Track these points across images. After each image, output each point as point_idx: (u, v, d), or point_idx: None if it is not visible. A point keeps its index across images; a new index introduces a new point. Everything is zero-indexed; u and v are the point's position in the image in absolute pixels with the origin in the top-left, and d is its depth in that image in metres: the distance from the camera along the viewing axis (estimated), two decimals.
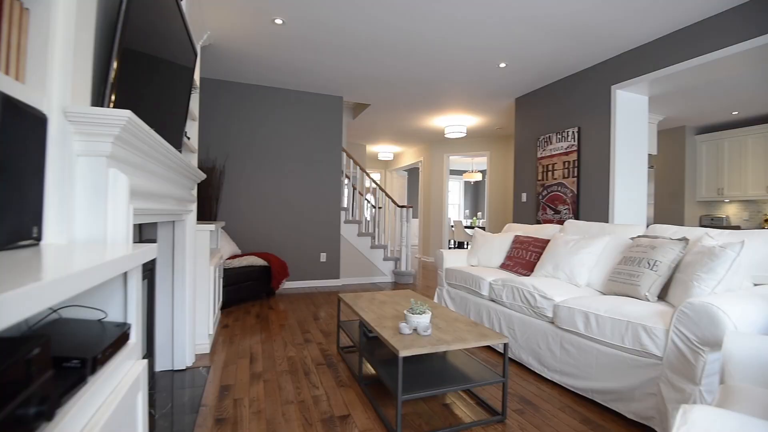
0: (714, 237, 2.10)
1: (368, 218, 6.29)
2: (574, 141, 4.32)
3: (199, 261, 2.83)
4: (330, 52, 3.98)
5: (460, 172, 12.65)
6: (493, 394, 2.24)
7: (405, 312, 2.02)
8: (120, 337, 1.07)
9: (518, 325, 2.68)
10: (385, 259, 5.89)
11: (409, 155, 9.80)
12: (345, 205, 5.67)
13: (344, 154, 5.70)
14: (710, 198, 6.46)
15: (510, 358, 2.79)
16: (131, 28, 1.39)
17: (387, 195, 6.11)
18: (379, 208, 6.17)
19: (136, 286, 1.16)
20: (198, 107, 3.48)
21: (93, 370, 0.82)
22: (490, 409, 2.07)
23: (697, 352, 1.66)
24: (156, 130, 1.70)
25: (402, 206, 5.97)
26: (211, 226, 2.88)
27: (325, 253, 5.33)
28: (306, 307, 4.15)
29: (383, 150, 9.85)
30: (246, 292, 4.19)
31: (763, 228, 5.79)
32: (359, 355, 2.30)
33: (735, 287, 1.96)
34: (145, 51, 1.60)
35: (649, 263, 2.16)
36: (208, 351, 2.86)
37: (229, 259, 4.22)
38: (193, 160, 3.37)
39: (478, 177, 9.99)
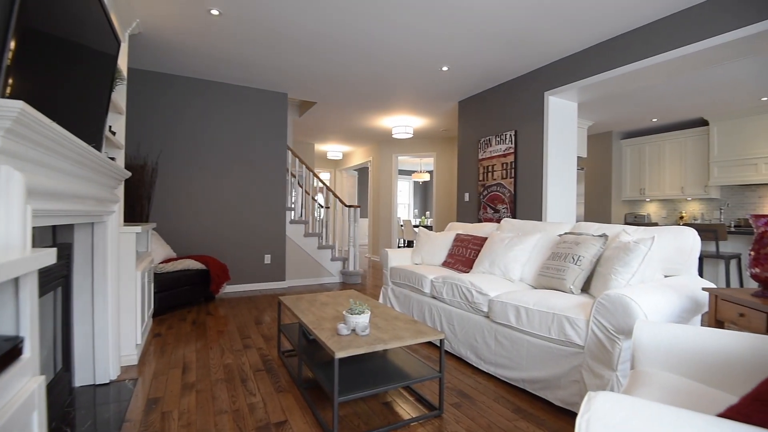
0: (630, 233, 2.28)
1: (320, 218, 6.19)
2: (512, 144, 4.52)
3: (123, 265, 2.63)
4: (271, 46, 3.86)
5: (409, 172, 12.83)
6: (433, 390, 2.28)
7: (344, 313, 2.00)
8: (9, 352, 0.96)
9: (457, 320, 2.76)
10: (333, 259, 5.83)
11: (358, 155, 9.78)
12: (291, 205, 5.54)
13: (290, 153, 5.57)
14: (633, 197, 7.05)
15: (450, 353, 2.86)
16: (34, 3, 1.25)
17: (334, 194, 6.05)
18: (327, 207, 6.10)
19: (30, 295, 1.04)
20: (125, 100, 3.24)
21: None
22: (429, 404, 2.10)
23: (613, 340, 1.79)
24: (67, 123, 1.55)
25: (350, 206, 5.94)
26: (138, 228, 2.69)
27: (269, 255, 5.17)
28: (248, 312, 4.00)
29: (332, 149, 9.75)
30: (182, 297, 3.96)
31: (678, 224, 6.40)
32: (299, 359, 2.25)
33: (648, 279, 2.13)
34: (52, 32, 1.45)
35: (573, 258, 2.31)
36: (135, 362, 2.67)
37: (162, 263, 3.96)
38: (120, 156, 3.14)
39: (427, 177, 10.19)
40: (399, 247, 10.12)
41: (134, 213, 4.16)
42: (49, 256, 1.02)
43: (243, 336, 3.23)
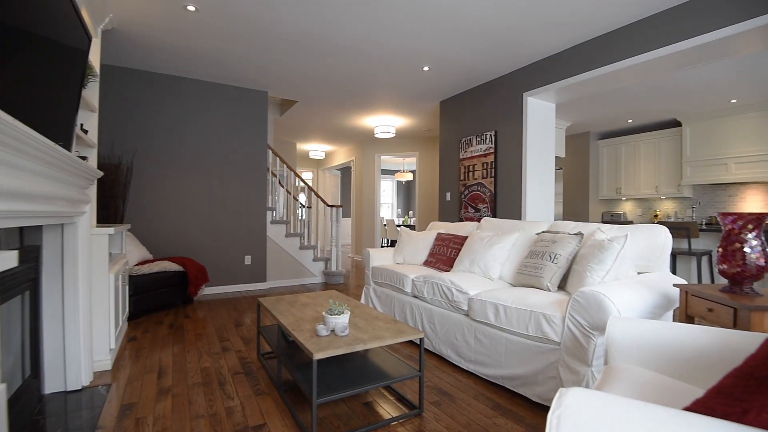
0: (605, 231, 2.33)
1: (301, 218, 6.13)
2: (492, 144, 4.57)
3: (95, 268, 2.55)
4: (250, 44, 3.81)
5: (392, 172, 12.85)
6: (414, 389, 2.28)
7: (323, 314, 1.98)
8: None
9: (438, 319, 2.77)
10: (315, 259, 5.79)
11: (341, 154, 9.74)
12: (271, 205, 5.47)
13: (270, 152, 5.50)
14: (610, 196, 7.22)
15: (431, 352, 2.88)
16: None
17: (316, 194, 6.01)
18: (309, 207, 6.05)
19: None
20: (98, 97, 3.14)
21: None
22: (410, 404, 2.10)
23: (588, 336, 1.82)
24: (34, 121, 1.49)
25: (332, 205, 5.91)
26: (111, 229, 2.61)
27: (250, 256, 5.10)
28: (227, 314, 3.93)
29: (314, 148, 9.69)
30: (159, 300, 3.87)
31: (653, 223, 6.58)
32: (278, 361, 2.22)
33: (622, 276, 2.19)
34: (16, 25, 1.39)
35: (550, 256, 2.35)
36: (109, 367, 2.59)
37: (138, 265, 3.86)
38: (92, 156, 3.05)
39: (410, 177, 10.22)
40: (382, 246, 10.12)
41: (108, 214, 4.05)
42: (8, 260, 0.98)
43: (222, 339, 3.18)
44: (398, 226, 10.62)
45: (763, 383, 0.82)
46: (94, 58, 3.10)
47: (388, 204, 13.39)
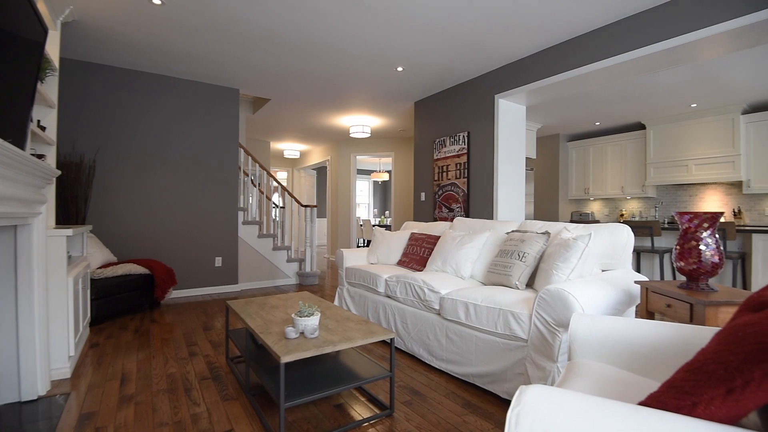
0: (570, 230, 2.39)
1: (275, 218, 6.03)
2: (465, 144, 4.63)
3: (52, 271, 2.43)
4: (219, 40, 3.71)
5: (368, 172, 12.83)
6: (386, 390, 2.28)
7: (292, 315, 1.95)
8: None
9: (411, 318, 2.78)
10: (289, 260, 5.71)
11: (316, 154, 9.65)
12: (243, 205, 5.36)
13: (242, 151, 5.39)
14: (579, 196, 7.44)
15: (404, 352, 2.88)
16: None
17: (290, 194, 5.92)
18: (282, 207, 5.96)
19: None
20: (58, 92, 3.00)
21: None
22: (381, 404, 2.10)
23: (554, 332, 1.86)
24: None
25: (306, 206, 5.84)
26: (69, 231, 2.49)
27: (220, 257, 4.97)
28: (196, 317, 3.82)
29: (289, 147, 9.56)
30: (123, 304, 3.72)
31: (619, 222, 6.81)
32: (246, 365, 2.17)
33: (587, 273, 2.25)
34: None
35: (519, 255, 2.39)
36: (68, 375, 2.47)
37: (101, 268, 3.71)
38: (51, 154, 2.91)
39: (386, 177, 10.23)
40: (359, 246, 10.10)
41: (69, 214, 3.87)
42: None
43: (189, 343, 3.08)
44: (375, 226, 10.62)
45: (711, 377, 0.85)
46: (53, 51, 2.96)
47: (364, 204, 13.37)
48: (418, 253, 3.39)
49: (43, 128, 2.76)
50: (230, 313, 3.77)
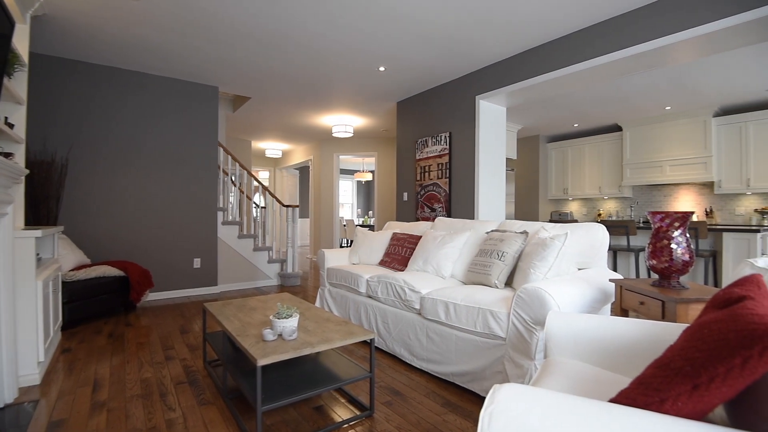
0: (548, 230, 2.43)
1: (255, 217, 5.94)
2: (447, 145, 4.65)
3: (20, 274, 2.33)
4: (198, 36, 3.63)
5: (352, 172, 12.79)
6: (367, 391, 2.26)
7: (270, 317, 1.92)
8: None
9: (392, 318, 2.77)
10: (270, 261, 5.64)
11: (299, 153, 9.57)
12: (222, 205, 5.27)
13: (221, 150, 5.30)
14: (558, 197, 7.57)
15: (385, 352, 2.88)
16: None
17: (271, 194, 5.85)
18: (263, 207, 5.89)
19: None
20: (27, 88, 2.89)
21: None
22: (361, 405, 2.09)
23: (531, 331, 1.89)
24: None
25: (287, 205, 5.78)
26: (38, 232, 2.40)
27: (199, 259, 4.88)
28: (173, 321, 3.74)
29: (271, 147, 9.45)
30: (97, 307, 3.61)
31: (596, 221, 6.96)
32: (224, 368, 2.13)
33: (563, 272, 2.28)
34: None
35: (498, 254, 2.41)
36: (38, 382, 2.38)
37: (73, 270, 3.59)
38: (20, 152, 2.80)
39: (369, 177, 10.21)
40: (342, 246, 10.06)
41: (40, 215, 3.73)
42: None
43: (166, 347, 3.01)
44: (358, 226, 10.59)
45: (678, 373, 0.87)
46: (22, 45, 2.85)
47: (348, 204, 13.33)
48: (400, 253, 3.39)
49: (11, 125, 2.65)
50: (207, 315, 3.71)
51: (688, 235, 1.96)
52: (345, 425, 1.91)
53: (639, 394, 0.90)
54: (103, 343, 3.11)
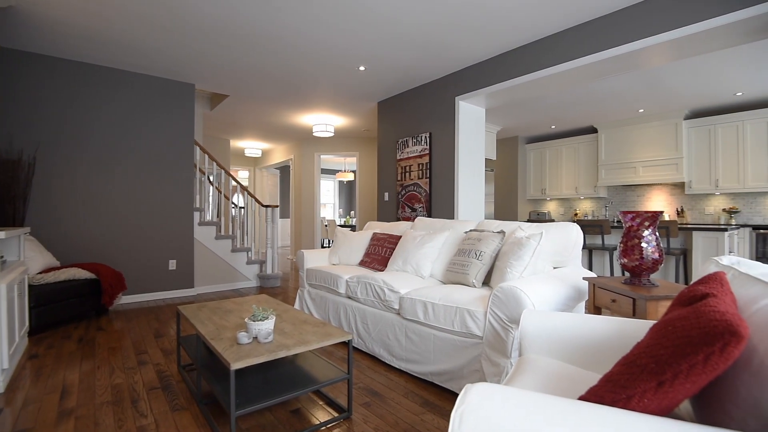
0: (524, 229, 2.46)
1: (233, 216, 5.83)
2: (427, 145, 4.67)
3: None
4: (174, 32, 3.54)
5: (334, 172, 12.71)
6: (345, 392, 2.25)
7: (245, 320, 1.89)
8: None
9: (371, 319, 2.76)
10: (249, 262, 5.56)
11: (279, 152, 9.45)
12: (199, 205, 5.16)
13: (198, 148, 5.19)
14: (536, 197, 7.70)
15: (364, 352, 2.86)
16: None
17: (250, 194, 5.76)
18: (241, 208, 5.79)
19: None
20: None
21: None
22: (339, 407, 2.07)
23: (507, 329, 1.91)
24: None
25: (267, 205, 5.70)
26: (1, 233, 2.30)
27: (174, 260, 4.76)
28: (147, 324, 3.64)
29: (250, 146, 9.31)
30: (67, 311, 3.48)
31: (573, 221, 7.10)
32: (198, 373, 2.08)
33: (539, 271, 2.32)
34: None
35: (476, 254, 2.43)
36: (2, 390, 2.28)
37: (41, 273, 3.45)
38: None
39: (351, 177, 10.17)
40: (324, 246, 10.00)
41: (5, 216, 3.58)
42: None
43: (139, 351, 2.93)
44: (340, 226, 10.54)
45: (644, 370, 0.88)
46: None
47: (330, 204, 13.25)
48: (380, 253, 3.38)
49: None
50: (182, 318, 3.62)
51: (657, 234, 2.02)
52: (322, 428, 1.89)
53: (607, 392, 0.92)
54: (73, 348, 3.00)
